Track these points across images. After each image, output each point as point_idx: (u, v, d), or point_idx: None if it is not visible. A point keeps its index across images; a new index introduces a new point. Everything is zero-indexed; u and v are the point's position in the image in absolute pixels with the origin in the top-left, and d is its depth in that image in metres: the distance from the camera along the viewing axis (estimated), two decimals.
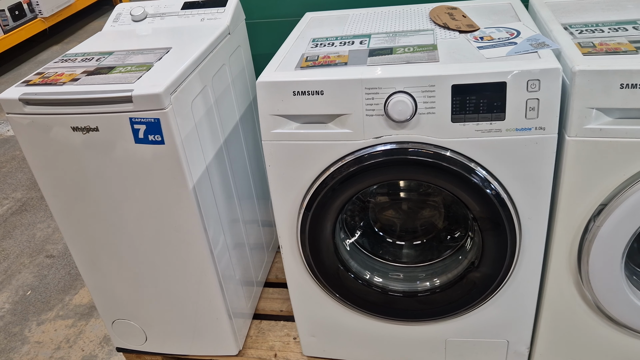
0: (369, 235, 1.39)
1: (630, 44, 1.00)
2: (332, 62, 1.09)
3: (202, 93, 1.22)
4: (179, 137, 1.10)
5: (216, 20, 1.41)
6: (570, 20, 1.15)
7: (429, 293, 1.22)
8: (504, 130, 1.00)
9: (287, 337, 1.51)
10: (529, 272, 1.15)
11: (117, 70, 1.16)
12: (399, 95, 0.99)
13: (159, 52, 1.24)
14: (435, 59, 1.04)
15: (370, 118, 1.03)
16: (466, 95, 0.98)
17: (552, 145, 1.00)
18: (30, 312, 1.95)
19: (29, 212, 2.56)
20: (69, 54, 1.31)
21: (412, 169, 1.06)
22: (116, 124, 1.09)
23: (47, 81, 1.15)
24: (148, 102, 1.05)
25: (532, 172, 1.03)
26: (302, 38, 1.25)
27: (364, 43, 1.17)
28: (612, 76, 0.92)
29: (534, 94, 0.96)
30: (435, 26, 1.22)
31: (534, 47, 1.03)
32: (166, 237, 1.24)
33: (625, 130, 0.95)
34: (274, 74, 1.07)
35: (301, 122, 1.08)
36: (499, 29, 1.15)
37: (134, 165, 1.14)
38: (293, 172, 1.12)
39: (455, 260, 1.26)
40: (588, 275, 1.09)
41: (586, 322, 1.18)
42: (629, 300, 1.09)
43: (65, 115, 1.10)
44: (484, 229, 1.09)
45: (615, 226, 1.02)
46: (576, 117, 0.97)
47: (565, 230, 1.09)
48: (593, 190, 1.03)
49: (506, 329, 1.25)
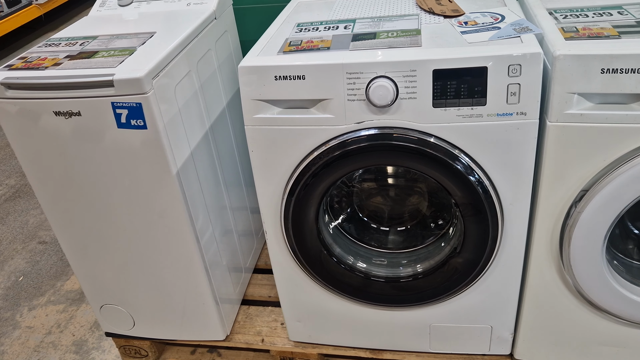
0: (354, 220, 1.39)
1: (614, 28, 1.00)
2: (315, 47, 1.08)
3: (186, 78, 1.21)
4: (161, 121, 1.10)
5: (202, 5, 1.40)
6: (555, 5, 1.14)
7: (412, 279, 1.23)
8: (485, 115, 1.00)
9: (274, 322, 1.52)
10: (511, 258, 1.15)
11: (99, 55, 1.15)
12: (380, 80, 0.99)
13: (142, 36, 1.24)
14: (417, 43, 1.04)
15: (351, 103, 1.03)
16: (447, 80, 0.98)
17: (533, 131, 1.00)
18: (22, 297, 1.97)
19: (22, 199, 2.57)
20: (53, 39, 1.30)
21: (395, 154, 1.06)
22: (98, 109, 1.09)
23: (30, 65, 1.15)
24: (129, 87, 1.05)
25: (514, 157, 1.03)
26: (287, 23, 1.25)
27: (348, 28, 1.16)
28: (593, 61, 0.92)
29: (515, 79, 0.96)
30: (420, 11, 1.22)
31: (517, 32, 1.03)
32: (152, 223, 1.24)
33: (606, 116, 0.95)
34: (255, 58, 1.06)
35: (283, 107, 1.08)
36: (483, 14, 1.14)
37: (117, 150, 1.14)
38: (276, 157, 1.12)
39: (438, 247, 1.26)
40: (569, 261, 1.09)
41: (568, 307, 1.19)
42: (609, 285, 1.10)
43: (47, 99, 1.10)
44: (465, 215, 1.09)
45: (596, 212, 1.02)
46: (557, 102, 0.96)
47: (546, 215, 1.09)
48: (574, 176, 1.03)
49: (490, 315, 1.25)
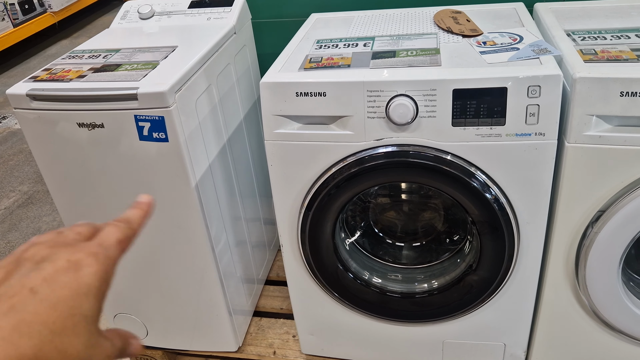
0: (369, 235, 1.40)
1: (632, 51, 1.01)
2: (336, 64, 1.10)
3: (206, 92, 1.23)
4: (182, 135, 1.12)
5: (222, 20, 1.42)
6: (573, 27, 1.16)
7: (427, 295, 1.23)
8: (504, 135, 1.01)
9: (286, 334, 1.53)
10: (526, 277, 1.16)
11: (123, 68, 1.17)
12: (401, 98, 1.00)
13: (165, 50, 1.26)
14: (437, 63, 1.05)
15: (371, 120, 1.04)
16: (467, 99, 0.99)
17: (551, 151, 1.01)
18: None
19: (35, 205, 2.59)
20: (76, 51, 1.32)
21: (412, 171, 1.07)
22: (121, 121, 1.10)
23: (55, 77, 1.17)
24: (153, 100, 1.07)
25: (532, 177, 1.04)
26: (307, 39, 1.27)
27: (367, 45, 1.18)
28: (612, 84, 0.93)
29: (535, 100, 0.97)
30: (439, 30, 1.23)
31: (535, 53, 1.04)
32: (168, 233, 1.26)
33: (624, 138, 0.96)
34: (277, 74, 1.08)
35: (303, 123, 1.09)
36: (502, 34, 1.15)
37: (137, 162, 1.15)
38: (295, 172, 1.13)
39: (453, 263, 1.27)
40: (585, 281, 1.10)
41: (582, 327, 1.19)
42: (625, 306, 1.10)
43: (71, 111, 1.12)
44: (482, 232, 1.10)
45: (613, 232, 1.03)
46: (576, 124, 0.97)
47: (563, 235, 1.09)
48: (591, 197, 1.03)
49: (503, 332, 1.26)
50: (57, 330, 0.33)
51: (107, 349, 0.37)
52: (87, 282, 0.36)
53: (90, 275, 0.36)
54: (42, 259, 0.36)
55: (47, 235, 0.40)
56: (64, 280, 0.35)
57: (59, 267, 0.36)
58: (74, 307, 0.35)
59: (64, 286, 0.35)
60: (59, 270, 0.35)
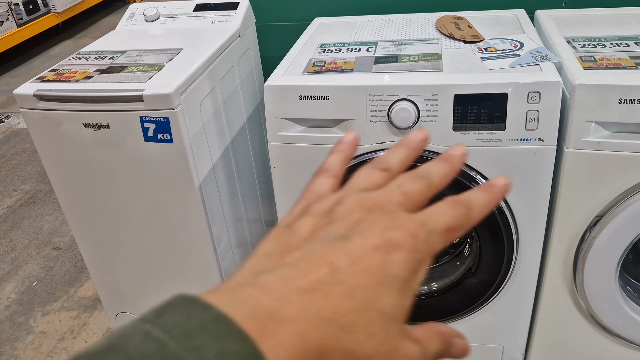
0: None
1: (631, 59, 1.02)
2: (339, 68, 1.11)
3: (211, 94, 1.25)
4: (187, 136, 1.13)
5: (227, 23, 1.44)
6: (573, 34, 1.17)
7: (426, 297, 1.24)
8: (504, 140, 1.02)
9: None
10: (525, 280, 1.17)
11: (129, 70, 1.19)
12: (403, 102, 1.02)
13: (170, 52, 1.27)
14: (439, 68, 1.07)
15: (373, 124, 1.06)
16: (468, 105, 1.01)
17: (550, 156, 1.02)
18: (35, 302, 1.99)
19: (38, 205, 2.60)
20: (82, 52, 1.34)
21: None
22: (127, 122, 1.12)
23: (61, 78, 1.18)
24: (158, 102, 1.08)
25: (531, 181, 1.05)
26: (310, 43, 1.28)
27: (370, 50, 1.20)
28: (611, 91, 0.94)
29: (534, 106, 0.99)
30: (440, 36, 1.25)
31: (536, 60, 1.06)
32: (171, 233, 1.27)
33: (622, 144, 0.97)
34: (281, 78, 1.10)
35: (306, 126, 1.11)
36: (503, 41, 1.17)
37: (142, 162, 1.17)
38: (297, 174, 1.15)
39: (453, 266, 1.28)
40: (583, 285, 1.11)
41: (580, 331, 1.20)
42: (622, 310, 1.11)
43: (77, 112, 1.13)
44: (482, 236, 1.11)
45: (611, 237, 1.04)
46: (575, 130, 0.99)
47: (561, 240, 1.11)
48: (590, 202, 1.05)
49: (501, 335, 1.27)
50: (347, 325, 0.26)
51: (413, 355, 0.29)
52: (394, 271, 0.27)
53: (399, 263, 0.28)
54: (356, 223, 0.29)
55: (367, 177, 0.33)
56: (370, 262, 0.27)
57: (369, 243, 0.28)
58: (372, 300, 0.27)
59: (367, 270, 0.27)
60: (368, 248, 0.28)
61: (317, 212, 0.30)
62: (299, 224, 0.30)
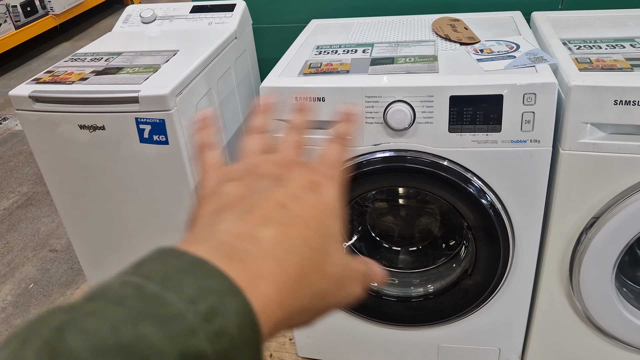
0: (366, 240, 1.41)
1: (626, 61, 1.02)
2: (335, 70, 1.11)
3: (207, 95, 1.25)
4: (182, 137, 1.13)
5: (223, 25, 1.44)
6: (569, 36, 1.17)
7: (423, 299, 1.24)
8: (499, 141, 1.02)
9: (282, 337, 1.53)
10: (521, 282, 1.17)
11: (125, 71, 1.19)
12: (398, 104, 1.02)
13: (166, 54, 1.27)
14: (434, 70, 1.07)
15: (369, 125, 1.06)
16: (464, 106, 1.00)
17: (546, 158, 1.02)
18: (32, 305, 1.98)
19: (34, 207, 2.60)
20: (78, 54, 1.34)
21: (409, 176, 1.08)
22: (122, 124, 1.12)
23: (57, 79, 1.18)
24: (154, 103, 1.08)
25: (527, 183, 1.05)
26: (307, 45, 1.28)
27: (366, 52, 1.20)
28: (607, 92, 0.94)
29: (530, 107, 0.99)
30: (437, 37, 1.25)
31: (531, 62, 1.06)
32: (167, 236, 1.27)
33: (618, 146, 0.97)
34: (277, 79, 1.10)
35: None
36: (499, 42, 1.17)
37: (138, 164, 1.17)
38: None
39: (449, 268, 1.28)
40: (579, 287, 1.11)
41: (576, 333, 1.20)
42: (618, 312, 1.11)
43: (73, 113, 1.13)
44: (478, 237, 1.11)
45: (607, 239, 1.04)
46: (570, 131, 0.99)
47: (557, 241, 1.11)
48: (585, 203, 1.05)
49: (498, 337, 1.27)
50: (315, 247, 0.30)
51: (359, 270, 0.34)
52: (330, 203, 0.33)
53: (331, 196, 0.34)
54: (279, 176, 0.34)
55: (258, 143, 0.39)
56: (310, 199, 0.32)
57: (301, 185, 0.33)
58: (325, 227, 0.32)
59: (310, 205, 0.32)
60: (303, 189, 0.33)
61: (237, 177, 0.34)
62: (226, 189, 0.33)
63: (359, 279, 0.34)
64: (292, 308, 0.28)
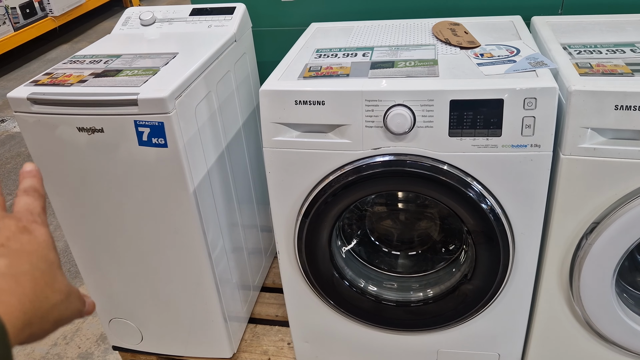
0: (366, 244, 1.40)
1: (627, 66, 1.02)
2: (335, 73, 1.11)
3: (206, 98, 1.24)
4: (181, 141, 1.12)
5: (223, 28, 1.43)
6: (569, 41, 1.17)
7: (422, 303, 1.24)
8: (500, 146, 1.02)
9: (281, 342, 1.53)
10: (521, 287, 1.17)
11: (124, 74, 1.18)
12: (398, 108, 1.01)
13: (165, 56, 1.27)
14: (435, 74, 1.06)
15: (369, 129, 1.05)
16: (464, 110, 1.00)
17: (546, 163, 1.02)
18: None
19: None
20: (77, 56, 1.33)
21: (409, 180, 1.08)
22: (121, 126, 1.11)
23: (55, 81, 1.18)
24: (153, 106, 1.08)
25: (527, 188, 1.05)
26: (307, 48, 1.28)
27: (366, 55, 1.19)
28: (607, 97, 0.94)
29: (531, 112, 0.98)
30: (437, 41, 1.25)
31: (532, 66, 1.05)
32: (165, 238, 1.26)
33: (618, 151, 0.97)
34: (277, 82, 1.09)
35: (302, 131, 1.10)
36: (499, 47, 1.17)
37: (136, 167, 1.16)
38: (292, 180, 1.14)
39: (448, 272, 1.27)
40: (579, 292, 1.10)
41: (576, 338, 1.19)
42: (618, 318, 1.11)
43: (71, 115, 1.12)
44: (477, 242, 1.10)
45: (607, 244, 1.04)
46: (571, 136, 0.98)
47: (557, 246, 1.10)
48: (586, 208, 1.04)
49: (497, 342, 1.26)
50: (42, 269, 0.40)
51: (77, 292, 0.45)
52: (44, 239, 0.43)
53: (43, 234, 0.43)
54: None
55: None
56: (25, 239, 0.41)
57: (13, 231, 0.41)
58: (45, 256, 0.41)
59: (27, 242, 0.41)
60: (15, 233, 0.41)
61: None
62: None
63: (79, 296, 0.45)
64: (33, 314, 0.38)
